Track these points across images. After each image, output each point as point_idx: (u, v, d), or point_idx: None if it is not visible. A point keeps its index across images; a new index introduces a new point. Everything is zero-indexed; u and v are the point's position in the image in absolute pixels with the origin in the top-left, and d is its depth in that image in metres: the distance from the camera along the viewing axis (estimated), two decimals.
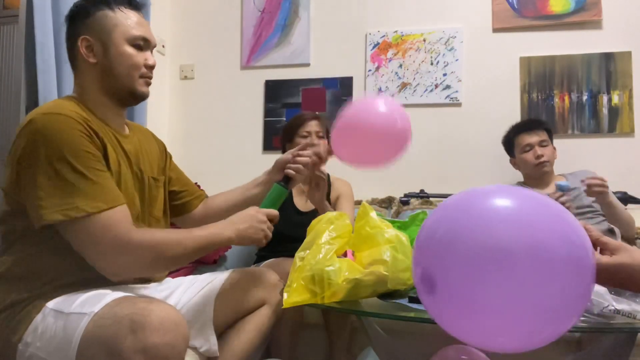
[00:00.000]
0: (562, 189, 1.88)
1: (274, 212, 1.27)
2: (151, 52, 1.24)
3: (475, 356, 1.33)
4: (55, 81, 1.93)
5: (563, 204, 1.81)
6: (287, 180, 1.39)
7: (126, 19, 1.17)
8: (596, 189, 1.86)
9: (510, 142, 2.27)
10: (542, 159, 2.13)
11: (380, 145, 1.34)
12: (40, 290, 1.02)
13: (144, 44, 1.20)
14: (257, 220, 1.20)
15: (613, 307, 0.98)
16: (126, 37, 1.16)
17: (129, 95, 1.19)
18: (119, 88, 1.18)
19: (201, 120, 2.92)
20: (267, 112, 2.84)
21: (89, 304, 0.95)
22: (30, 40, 1.91)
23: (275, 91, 2.84)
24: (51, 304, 0.99)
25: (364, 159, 1.42)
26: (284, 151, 2.19)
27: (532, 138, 2.17)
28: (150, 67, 1.21)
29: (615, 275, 0.76)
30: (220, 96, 2.89)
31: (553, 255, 0.64)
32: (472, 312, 0.67)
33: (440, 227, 0.73)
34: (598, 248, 0.82)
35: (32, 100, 1.95)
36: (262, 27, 2.86)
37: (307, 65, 2.81)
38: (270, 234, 1.23)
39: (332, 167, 2.47)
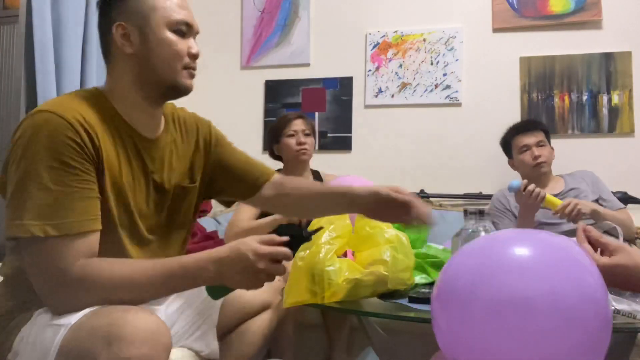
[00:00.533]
0: (510, 189, 1.91)
1: (284, 253, 0.96)
2: (194, 39, 1.09)
3: None
4: (54, 81, 1.93)
5: (532, 192, 1.83)
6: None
7: (166, 1, 1.03)
8: (571, 214, 1.83)
9: (507, 143, 2.27)
10: (540, 160, 2.13)
11: None
12: (34, 299, 0.96)
13: (186, 29, 1.05)
14: (253, 268, 0.94)
15: (613, 307, 0.99)
16: (167, 22, 1.02)
17: (169, 89, 1.05)
18: (159, 81, 1.03)
19: None
20: (267, 112, 2.84)
21: (68, 314, 0.88)
22: (30, 40, 1.91)
23: (275, 91, 2.83)
24: (37, 313, 0.93)
25: None
26: (271, 153, 2.22)
27: (530, 139, 2.18)
28: (194, 56, 1.06)
29: (614, 276, 0.76)
30: (220, 96, 2.89)
31: (571, 301, 0.66)
32: None
33: (460, 279, 0.73)
34: (598, 249, 0.82)
35: (32, 100, 1.95)
36: (262, 27, 2.86)
37: (307, 65, 2.81)
38: (271, 280, 0.98)
39: (329, 166, 2.48)
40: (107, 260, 0.93)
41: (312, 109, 2.76)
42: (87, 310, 0.87)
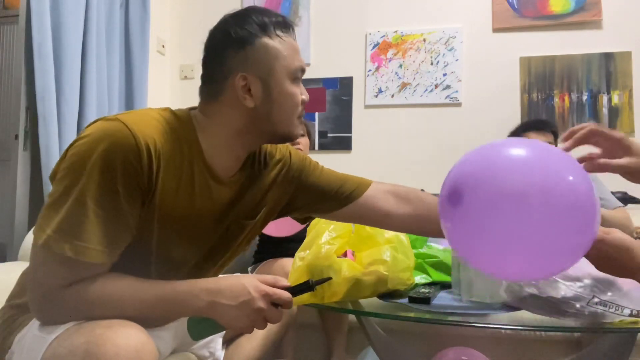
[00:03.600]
0: None
1: (286, 298, 0.89)
2: None
3: (475, 357, 1.33)
4: (53, 81, 1.93)
5: None
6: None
7: (286, 48, 0.94)
8: None
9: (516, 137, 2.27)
10: None
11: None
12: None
13: (301, 75, 0.98)
14: (250, 305, 0.86)
15: (598, 299, 1.00)
16: (288, 72, 0.94)
17: (281, 139, 0.99)
18: (272, 133, 0.96)
19: None
20: None
21: (52, 326, 0.84)
22: (29, 40, 1.91)
23: None
24: (35, 319, 0.89)
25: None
26: None
27: (540, 137, 2.19)
28: (305, 103, 1.00)
29: (605, 251, 0.84)
30: None
31: (560, 196, 0.74)
32: (490, 237, 0.77)
33: (465, 178, 0.82)
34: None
35: (31, 100, 1.95)
36: None
37: (307, 65, 2.80)
38: (263, 327, 0.89)
39: (329, 166, 2.47)
40: (99, 280, 0.85)
41: (312, 109, 2.75)
42: (71, 324, 0.82)
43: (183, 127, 0.93)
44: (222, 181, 0.98)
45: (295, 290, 0.92)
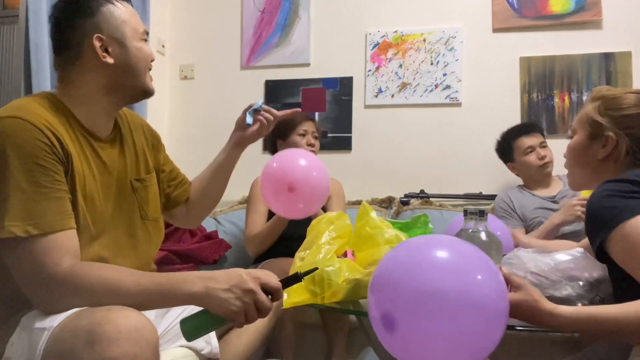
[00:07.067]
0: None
1: (275, 284, 0.96)
2: None
3: None
4: (49, 81, 1.93)
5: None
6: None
7: (129, 14, 1.11)
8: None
9: (508, 146, 2.26)
10: (546, 160, 2.16)
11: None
12: (19, 305, 0.96)
13: (146, 37, 1.15)
14: (241, 286, 0.92)
15: (600, 298, 1.01)
16: (137, 33, 1.11)
17: (140, 93, 1.14)
18: (132, 86, 1.11)
19: (201, 121, 2.92)
20: None
21: (51, 317, 0.89)
22: (27, 40, 1.92)
23: (275, 91, 2.83)
24: (25, 319, 0.93)
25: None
26: (273, 149, 2.18)
27: (533, 140, 2.20)
28: (152, 60, 1.16)
29: (519, 309, 0.92)
30: (220, 96, 2.89)
31: (475, 297, 0.84)
32: (420, 341, 0.88)
33: (393, 272, 0.91)
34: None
35: None
36: (262, 27, 2.86)
37: (307, 65, 2.81)
38: (254, 315, 0.93)
39: (329, 166, 2.47)
40: (96, 264, 0.95)
41: (312, 109, 2.75)
42: (70, 312, 0.87)
43: (53, 104, 1.03)
44: (104, 140, 1.10)
45: (284, 281, 0.98)
